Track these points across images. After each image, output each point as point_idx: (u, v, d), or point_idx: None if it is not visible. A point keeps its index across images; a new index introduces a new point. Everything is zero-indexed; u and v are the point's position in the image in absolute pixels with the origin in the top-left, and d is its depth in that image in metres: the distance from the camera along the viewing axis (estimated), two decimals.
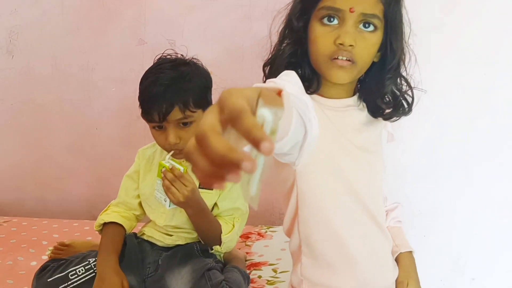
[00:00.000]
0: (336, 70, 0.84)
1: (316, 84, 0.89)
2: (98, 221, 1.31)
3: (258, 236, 1.63)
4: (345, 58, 0.82)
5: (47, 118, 1.98)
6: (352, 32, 0.82)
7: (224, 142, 0.36)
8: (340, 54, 0.83)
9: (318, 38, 0.84)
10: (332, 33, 0.83)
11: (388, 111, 0.92)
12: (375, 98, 0.91)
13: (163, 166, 1.14)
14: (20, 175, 2.05)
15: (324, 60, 0.84)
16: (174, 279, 1.19)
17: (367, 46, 0.84)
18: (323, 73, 0.86)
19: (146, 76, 1.21)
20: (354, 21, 0.82)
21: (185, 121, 1.17)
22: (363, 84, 0.93)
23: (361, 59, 0.84)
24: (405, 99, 0.92)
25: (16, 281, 1.35)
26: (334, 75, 0.84)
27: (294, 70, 0.82)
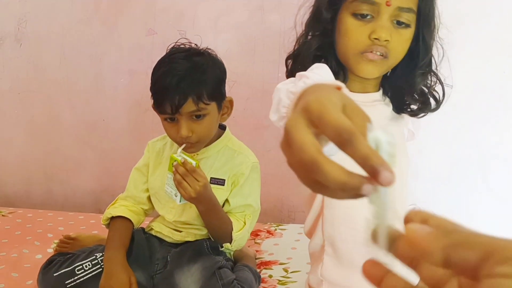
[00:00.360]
0: (365, 64, 0.81)
1: (342, 78, 0.85)
2: (105, 214, 1.28)
3: (268, 234, 1.59)
4: (379, 53, 0.79)
5: (55, 108, 1.95)
6: (388, 26, 0.79)
7: (339, 167, 0.32)
8: (374, 48, 0.79)
9: (350, 31, 0.81)
10: (365, 27, 0.80)
11: (415, 108, 0.88)
12: (403, 94, 0.87)
13: (174, 160, 1.10)
14: (26, 165, 2.02)
15: (354, 54, 0.81)
16: (184, 277, 1.16)
17: (401, 41, 0.81)
18: (351, 66, 0.83)
19: (158, 66, 1.17)
20: (389, 14, 0.79)
21: (198, 114, 1.13)
22: (389, 79, 0.89)
23: (394, 54, 0.81)
24: (433, 96, 0.88)
25: (21, 274, 1.32)
26: (363, 69, 0.81)
27: (319, 62, 0.78)
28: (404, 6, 0.79)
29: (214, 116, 1.17)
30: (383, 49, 0.79)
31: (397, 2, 0.78)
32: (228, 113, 1.24)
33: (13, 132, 1.99)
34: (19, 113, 1.97)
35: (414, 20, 0.81)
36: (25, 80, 1.93)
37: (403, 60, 0.86)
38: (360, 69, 0.81)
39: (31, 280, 1.26)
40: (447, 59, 0.88)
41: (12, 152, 2.02)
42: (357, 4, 0.79)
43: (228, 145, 1.26)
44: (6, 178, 2.04)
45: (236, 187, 1.24)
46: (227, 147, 1.26)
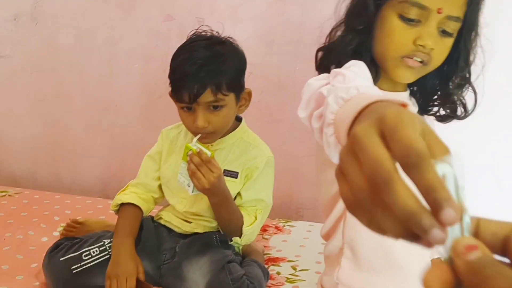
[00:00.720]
0: (403, 69, 0.78)
1: (374, 74, 0.82)
2: (115, 201, 1.26)
3: (276, 230, 1.57)
4: (419, 60, 0.76)
5: (67, 90, 1.92)
6: (435, 34, 0.76)
7: (413, 195, 0.28)
8: (417, 55, 0.76)
9: (395, 33, 0.77)
10: (411, 31, 0.76)
11: (442, 113, 0.85)
12: (431, 97, 0.84)
13: (189, 149, 1.08)
14: (35, 146, 2.00)
15: (394, 57, 0.78)
16: (192, 269, 1.14)
17: (443, 49, 0.78)
18: (388, 69, 0.80)
19: (178, 53, 1.14)
20: (437, 22, 0.76)
21: (215, 105, 1.11)
22: (419, 81, 0.86)
23: (434, 62, 0.78)
24: (462, 103, 0.85)
25: (26, 257, 1.31)
26: (400, 75, 0.78)
27: (355, 59, 0.75)
28: (453, 15, 0.76)
29: (231, 107, 1.14)
30: (426, 57, 0.76)
31: (447, 10, 0.75)
32: (245, 105, 1.21)
33: (23, 112, 1.97)
34: (30, 93, 1.95)
35: (457, 29, 0.78)
36: (38, 59, 1.91)
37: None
38: (397, 74, 0.79)
39: (36, 263, 1.25)
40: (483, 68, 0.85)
41: (20, 131, 2.00)
42: (406, 6, 0.75)
43: (243, 138, 1.24)
44: (13, 158, 2.02)
45: (249, 181, 1.22)
46: (242, 139, 1.23)
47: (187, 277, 1.13)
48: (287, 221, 1.65)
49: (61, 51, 1.88)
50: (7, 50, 1.91)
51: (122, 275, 1.12)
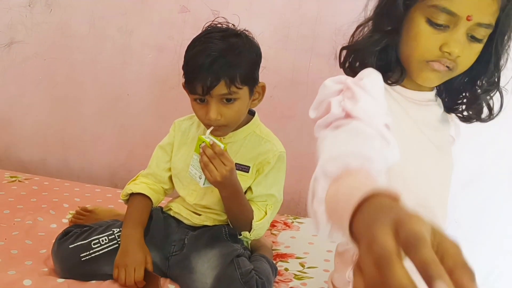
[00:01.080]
0: (428, 73, 0.76)
1: (399, 75, 0.81)
2: (125, 190, 1.26)
3: (284, 226, 1.56)
4: (445, 65, 0.74)
5: (79, 77, 1.92)
6: (462, 41, 0.73)
7: (408, 275, 0.32)
8: (442, 61, 0.75)
9: (421, 37, 0.75)
10: (438, 37, 0.74)
11: (466, 114, 0.84)
12: (457, 96, 0.83)
13: (202, 141, 1.07)
14: (45, 133, 2.00)
15: (419, 61, 0.77)
16: (200, 261, 1.13)
17: (471, 55, 0.76)
18: (412, 71, 0.79)
19: (193, 44, 1.13)
20: (466, 28, 0.74)
21: (229, 97, 1.10)
22: (446, 81, 0.84)
23: (461, 68, 0.76)
24: (488, 105, 0.84)
25: (34, 242, 1.31)
26: (425, 78, 0.77)
27: (380, 58, 0.74)
28: (484, 22, 0.73)
29: (245, 101, 1.13)
30: (452, 63, 0.74)
31: (477, 18, 0.72)
32: (259, 99, 1.20)
33: (35, 98, 1.98)
34: (43, 79, 1.95)
35: (488, 34, 0.76)
36: (51, 46, 1.91)
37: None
38: (422, 77, 0.77)
39: (45, 249, 1.25)
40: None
41: (31, 117, 2.00)
42: (435, 11, 0.73)
43: (255, 132, 1.23)
44: (24, 144, 2.03)
45: (261, 176, 1.21)
46: (255, 133, 1.23)
47: (195, 269, 1.13)
48: (295, 217, 1.65)
49: (74, 39, 1.88)
50: (21, 36, 1.91)
51: (130, 265, 1.12)
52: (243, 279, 1.08)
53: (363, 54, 0.81)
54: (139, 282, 1.13)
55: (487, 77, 0.80)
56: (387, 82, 0.80)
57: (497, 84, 0.82)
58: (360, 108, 0.65)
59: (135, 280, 1.12)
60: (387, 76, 0.79)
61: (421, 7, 0.75)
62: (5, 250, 1.25)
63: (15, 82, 1.97)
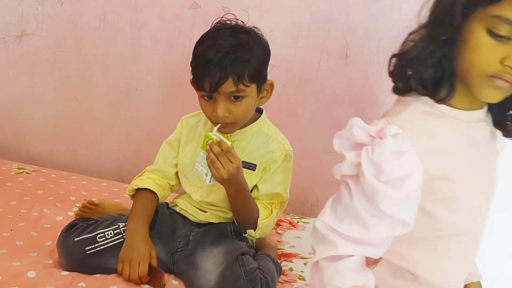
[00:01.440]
0: (491, 90, 0.71)
1: (448, 91, 0.75)
2: (131, 185, 1.26)
3: (290, 225, 1.55)
4: (508, 80, 0.70)
5: (89, 71, 1.92)
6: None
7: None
8: (504, 76, 0.70)
9: (481, 49, 0.70)
10: (499, 49, 0.69)
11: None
12: (506, 113, 0.80)
13: (209, 138, 1.07)
14: (54, 125, 2.01)
15: (480, 75, 0.71)
16: (205, 258, 1.13)
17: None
18: (472, 87, 0.74)
19: (202, 40, 1.12)
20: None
21: (236, 95, 1.09)
22: None
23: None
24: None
25: (40, 234, 1.32)
26: (487, 95, 0.72)
27: (435, 71, 0.72)
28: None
29: (252, 98, 1.13)
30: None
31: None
32: (267, 96, 1.19)
33: (44, 90, 1.98)
34: (53, 72, 1.96)
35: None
36: (62, 39, 1.91)
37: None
38: (484, 94, 0.72)
39: (50, 241, 1.25)
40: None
41: (40, 110, 2.01)
42: (497, 22, 0.68)
43: (263, 130, 1.22)
44: (33, 135, 2.04)
45: (267, 174, 1.20)
46: (262, 131, 1.22)
47: (200, 265, 1.12)
48: (301, 217, 1.64)
49: (85, 32, 1.89)
50: (32, 28, 1.91)
51: (135, 259, 1.12)
52: (248, 277, 1.07)
53: (417, 65, 0.75)
54: (143, 277, 1.13)
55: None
56: (434, 99, 0.76)
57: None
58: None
59: (139, 274, 1.12)
60: (431, 94, 0.75)
61: (481, 16, 0.70)
62: (11, 241, 1.25)
63: (25, 74, 1.97)
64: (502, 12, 0.68)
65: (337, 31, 1.70)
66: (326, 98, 1.77)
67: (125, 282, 1.13)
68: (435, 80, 0.73)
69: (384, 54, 1.60)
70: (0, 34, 1.93)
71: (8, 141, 2.03)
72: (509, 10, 0.67)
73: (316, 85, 1.76)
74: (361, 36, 1.68)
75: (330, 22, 1.69)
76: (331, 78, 1.74)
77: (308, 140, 1.82)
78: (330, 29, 1.70)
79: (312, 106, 1.78)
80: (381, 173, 0.70)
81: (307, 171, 1.85)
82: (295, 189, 1.85)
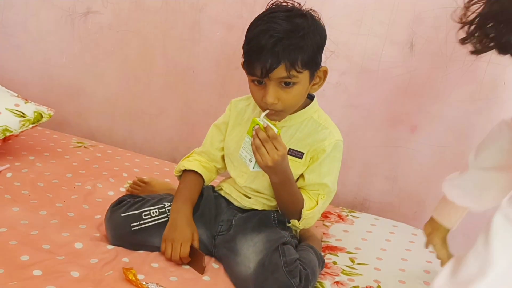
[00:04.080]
0: None
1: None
2: (178, 166, 1.26)
3: (338, 218, 1.50)
4: None
5: (149, 51, 1.95)
6: None
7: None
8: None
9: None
10: None
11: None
12: None
13: (256, 124, 1.04)
14: (113, 102, 2.07)
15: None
16: (246, 244, 1.11)
17: None
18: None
19: (255, 24, 1.08)
20: None
21: (288, 81, 1.05)
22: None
23: None
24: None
25: (91, 207, 1.35)
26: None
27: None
28: None
29: (304, 85, 1.08)
30: None
31: None
32: (319, 84, 1.14)
33: (106, 68, 2.04)
34: (115, 51, 2.00)
35: None
36: (125, 18, 1.95)
37: None
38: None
39: (100, 215, 1.29)
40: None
41: (102, 87, 2.07)
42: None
43: (313, 117, 1.17)
44: (93, 112, 2.11)
45: (314, 163, 1.16)
46: (312, 119, 1.17)
47: (240, 251, 1.11)
48: (351, 211, 1.58)
49: (147, 13, 1.91)
50: (97, 6, 1.96)
51: (178, 240, 1.13)
52: (287, 268, 1.05)
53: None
54: (184, 258, 1.13)
55: None
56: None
57: None
58: None
59: (180, 255, 1.13)
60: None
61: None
62: (63, 212, 1.30)
63: (89, 52, 2.04)
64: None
65: (403, 19, 1.61)
66: (387, 90, 1.69)
67: (167, 261, 1.14)
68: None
69: (452, 45, 1.54)
70: (68, 11, 2.00)
71: (70, 115, 2.11)
72: None
73: (377, 75, 1.69)
74: (429, 25, 1.58)
75: (396, 10, 1.61)
76: (393, 68, 1.66)
77: (364, 133, 1.75)
78: (396, 17, 1.61)
79: (373, 97, 1.71)
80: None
81: (362, 164, 1.79)
82: (348, 182, 1.80)
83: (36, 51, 2.11)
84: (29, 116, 1.56)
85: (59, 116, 1.79)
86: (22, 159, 1.58)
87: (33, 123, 1.57)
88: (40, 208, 1.30)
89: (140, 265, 1.11)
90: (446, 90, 1.61)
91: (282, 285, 1.03)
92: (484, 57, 1.49)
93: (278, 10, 1.08)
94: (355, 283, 1.15)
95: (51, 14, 2.03)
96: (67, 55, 2.07)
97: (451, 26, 1.52)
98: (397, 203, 1.78)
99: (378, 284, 1.16)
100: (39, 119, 1.58)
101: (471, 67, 1.55)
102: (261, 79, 1.05)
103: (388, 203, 1.78)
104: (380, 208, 1.77)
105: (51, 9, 2.03)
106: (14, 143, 1.65)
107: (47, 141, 1.76)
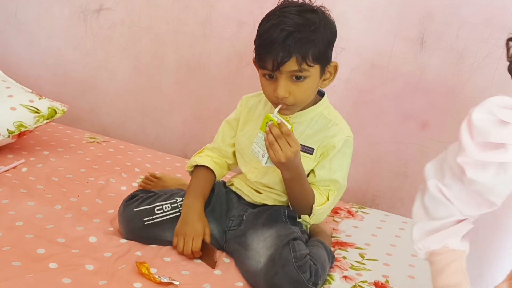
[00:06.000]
0: None
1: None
2: (190, 162, 1.28)
3: (348, 214, 1.51)
4: None
5: (161, 47, 1.97)
6: None
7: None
8: None
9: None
10: None
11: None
12: None
13: (269, 119, 1.05)
14: (126, 98, 2.09)
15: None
16: (256, 239, 1.13)
17: None
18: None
19: (267, 18, 1.10)
20: None
21: (298, 75, 1.06)
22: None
23: None
24: None
25: (104, 202, 1.38)
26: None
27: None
28: None
29: (315, 80, 1.09)
30: None
31: None
32: (330, 79, 1.15)
33: (118, 64, 2.06)
34: (127, 47, 2.02)
35: None
36: (137, 15, 1.97)
37: None
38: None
39: (113, 209, 1.31)
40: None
41: (114, 83, 2.09)
42: None
43: (323, 113, 1.18)
44: (105, 107, 2.13)
45: (325, 159, 1.17)
46: (322, 115, 1.18)
47: (250, 246, 1.13)
48: (361, 207, 1.59)
49: (159, 9, 1.93)
50: (109, 3, 1.98)
51: (189, 235, 1.15)
52: (297, 263, 1.06)
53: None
54: (196, 252, 1.15)
55: None
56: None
57: None
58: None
59: (192, 249, 1.14)
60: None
61: None
62: (77, 207, 1.32)
63: (101, 48, 2.06)
64: None
65: (414, 16, 1.60)
66: (397, 86, 1.69)
67: (179, 255, 1.16)
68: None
69: (463, 41, 1.53)
70: (80, 7, 2.02)
71: (83, 111, 2.14)
72: None
73: (388, 71, 1.69)
74: (440, 22, 1.58)
75: (407, 6, 1.60)
76: (404, 65, 1.66)
77: (375, 129, 1.75)
78: (407, 14, 1.61)
79: (382, 93, 1.71)
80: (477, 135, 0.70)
81: (372, 160, 1.79)
82: (358, 177, 1.81)
83: (49, 47, 2.14)
84: (43, 112, 1.58)
85: (72, 111, 1.81)
86: (37, 154, 1.61)
87: (47, 119, 1.59)
88: (55, 202, 1.32)
89: (153, 259, 1.13)
90: (457, 87, 1.60)
91: (292, 279, 1.04)
92: (495, 53, 1.50)
93: (289, 5, 1.10)
94: (363, 277, 1.16)
95: (64, 10, 2.06)
96: (80, 51, 2.10)
97: (462, 22, 1.53)
98: (407, 199, 1.78)
99: (387, 279, 1.17)
100: (53, 115, 1.61)
101: (482, 63, 1.55)
102: (272, 72, 1.06)
103: (398, 199, 1.78)
104: (390, 204, 1.77)
105: (64, 5, 2.05)
106: (28, 139, 1.67)
107: (60, 137, 1.79)
